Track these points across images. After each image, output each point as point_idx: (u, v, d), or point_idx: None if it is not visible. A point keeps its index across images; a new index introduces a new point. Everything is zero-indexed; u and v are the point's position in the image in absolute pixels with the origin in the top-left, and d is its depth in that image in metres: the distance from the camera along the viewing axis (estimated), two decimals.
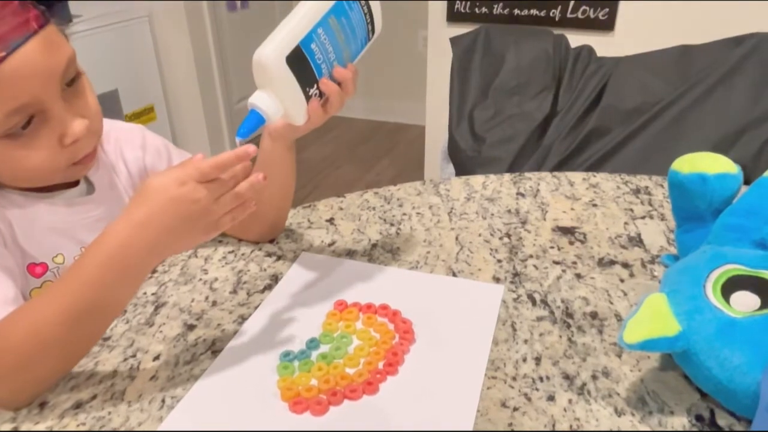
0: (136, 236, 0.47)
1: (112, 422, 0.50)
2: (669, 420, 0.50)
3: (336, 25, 0.56)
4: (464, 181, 0.94)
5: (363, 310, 0.63)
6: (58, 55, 0.53)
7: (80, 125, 0.55)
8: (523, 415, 0.51)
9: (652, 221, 0.81)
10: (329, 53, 0.56)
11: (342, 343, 0.58)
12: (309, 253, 0.74)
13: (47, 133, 0.53)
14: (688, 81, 1.30)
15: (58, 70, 0.53)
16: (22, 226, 0.59)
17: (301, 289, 0.67)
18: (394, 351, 0.57)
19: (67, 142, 0.55)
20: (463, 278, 0.69)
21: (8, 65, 0.49)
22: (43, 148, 0.54)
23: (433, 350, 0.58)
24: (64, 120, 0.54)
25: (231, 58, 2.81)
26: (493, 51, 1.49)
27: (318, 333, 0.60)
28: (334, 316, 0.62)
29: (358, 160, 2.90)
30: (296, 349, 0.57)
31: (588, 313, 0.63)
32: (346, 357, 0.57)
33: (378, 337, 0.59)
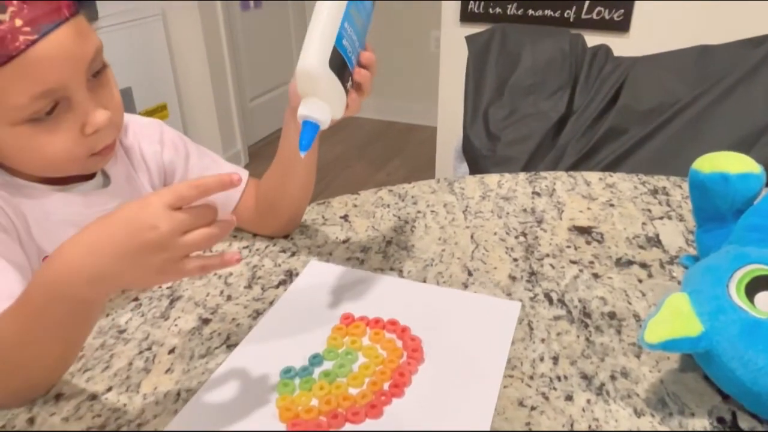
0: (85, 264, 0.41)
1: (128, 414, 0.50)
2: (690, 422, 0.49)
3: (355, 13, 0.56)
4: (479, 179, 0.93)
5: (371, 324, 0.60)
6: (86, 44, 0.53)
7: (102, 115, 0.55)
8: (541, 415, 0.50)
9: (671, 222, 0.80)
10: (355, 42, 0.57)
11: (346, 360, 0.55)
12: (318, 261, 0.71)
13: (70, 120, 0.54)
14: (706, 81, 1.29)
15: (86, 59, 0.53)
16: (38, 220, 0.59)
17: (308, 300, 0.64)
18: (401, 371, 0.54)
19: (88, 131, 0.55)
20: (478, 293, 0.65)
21: (38, 49, 0.49)
22: (65, 136, 0.54)
23: (442, 371, 0.55)
24: (87, 109, 0.54)
25: (244, 56, 2.82)
26: (508, 49, 1.48)
27: (322, 348, 0.57)
28: (340, 330, 0.59)
29: (369, 159, 2.90)
30: (299, 365, 0.54)
31: (606, 313, 0.62)
32: (350, 375, 0.53)
33: (385, 354, 0.56)
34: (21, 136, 0.52)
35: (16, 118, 0.51)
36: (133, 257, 0.40)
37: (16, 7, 0.48)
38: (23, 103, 0.50)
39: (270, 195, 0.73)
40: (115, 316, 0.62)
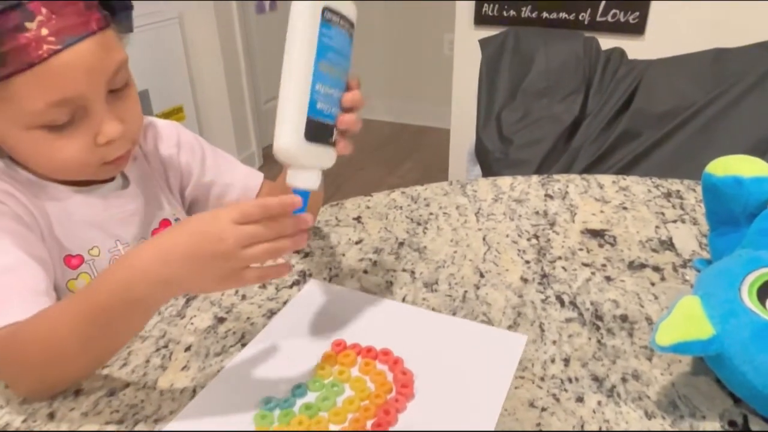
0: (153, 268, 0.45)
1: (145, 410, 0.51)
2: (701, 424, 0.49)
3: (327, 65, 0.52)
4: (491, 182, 0.94)
5: (362, 353, 0.57)
6: (109, 59, 0.54)
7: (116, 128, 0.56)
8: (552, 416, 0.51)
9: (684, 225, 0.80)
10: (333, 95, 0.53)
11: (331, 392, 0.52)
12: (317, 280, 0.69)
13: (84, 129, 0.55)
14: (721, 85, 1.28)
15: (107, 72, 0.54)
16: (60, 219, 0.61)
17: (301, 322, 0.62)
18: (386, 408, 0.50)
19: (100, 141, 0.56)
20: (483, 323, 0.61)
21: (60, 58, 0.50)
22: (78, 144, 0.55)
23: (432, 410, 0.51)
24: (103, 120, 0.55)
25: (259, 59, 2.84)
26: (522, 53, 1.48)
27: (310, 376, 0.54)
28: (329, 358, 0.56)
29: (381, 162, 2.91)
30: (282, 394, 0.52)
31: (618, 316, 0.63)
32: (332, 410, 0.50)
33: (373, 388, 0.53)
34: (35, 140, 0.54)
35: (32, 122, 0.52)
36: (200, 265, 0.44)
37: (44, 16, 0.49)
38: (39, 110, 0.51)
39: None
40: None
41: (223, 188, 0.76)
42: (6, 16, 0.48)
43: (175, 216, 0.72)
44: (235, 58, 2.66)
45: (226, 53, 2.59)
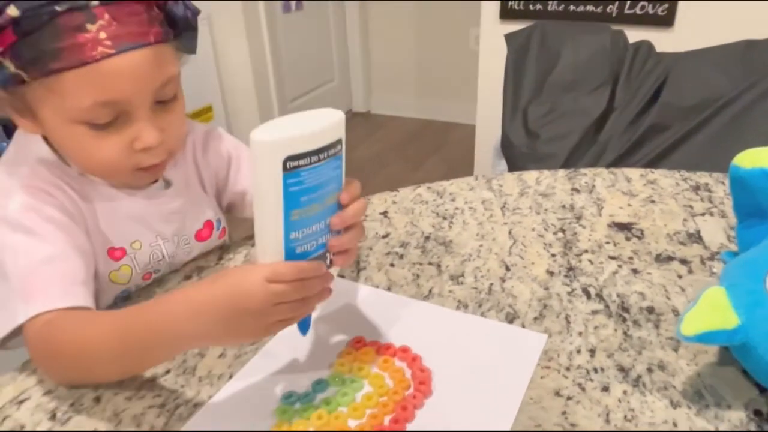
0: (187, 319, 0.48)
1: (185, 394, 0.54)
2: (726, 414, 0.50)
3: (300, 212, 0.47)
4: (517, 176, 0.94)
5: (381, 350, 0.58)
6: (159, 71, 0.56)
7: (154, 136, 0.57)
8: (577, 404, 0.52)
9: (713, 218, 0.79)
10: (316, 231, 0.49)
11: (351, 388, 0.53)
12: (339, 278, 0.68)
13: (124, 133, 0.57)
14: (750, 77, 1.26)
15: (155, 83, 0.56)
16: (105, 214, 0.64)
17: (321, 319, 0.63)
18: (404, 405, 0.51)
19: (136, 147, 0.57)
20: (502, 323, 0.62)
21: (111, 62, 0.52)
22: (115, 146, 0.57)
23: (449, 407, 0.52)
24: (143, 127, 0.57)
25: (285, 58, 2.88)
26: (548, 47, 1.47)
27: (328, 372, 0.55)
28: (348, 354, 0.57)
29: (407, 158, 2.92)
30: (303, 389, 0.53)
31: (644, 308, 0.63)
32: (351, 405, 0.51)
33: (391, 385, 0.54)
34: (76, 135, 0.56)
35: (76, 117, 0.55)
36: (231, 320, 0.47)
37: (106, 21, 0.52)
38: (84, 107, 0.54)
39: None
40: None
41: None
42: (70, 15, 0.51)
43: (217, 217, 0.74)
44: (262, 57, 2.70)
45: (254, 53, 2.63)
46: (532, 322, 0.62)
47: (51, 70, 0.52)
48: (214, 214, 0.74)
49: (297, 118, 0.46)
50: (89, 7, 0.51)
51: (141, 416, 0.52)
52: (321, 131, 0.45)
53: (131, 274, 0.66)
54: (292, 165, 0.44)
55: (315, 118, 0.46)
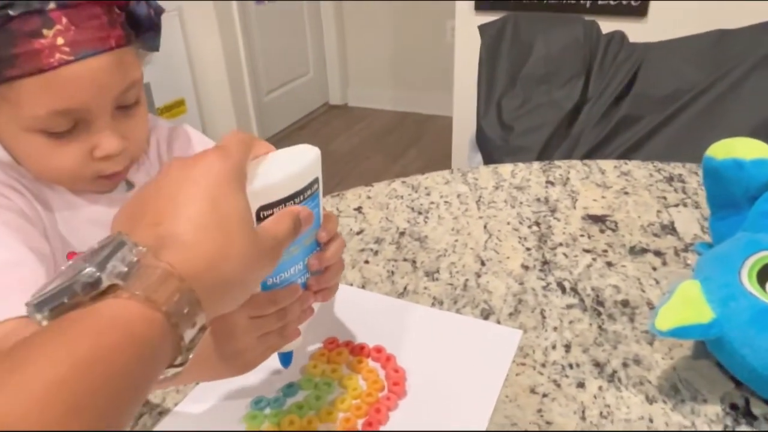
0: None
1: (149, 402, 0.52)
2: (702, 408, 0.50)
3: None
4: (492, 169, 0.93)
5: (354, 351, 0.56)
6: (121, 76, 0.53)
7: (115, 144, 0.54)
8: (553, 401, 0.51)
9: (686, 209, 0.79)
10: (294, 274, 0.46)
11: (323, 390, 0.52)
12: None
13: (83, 140, 0.54)
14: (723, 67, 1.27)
15: (117, 89, 0.53)
16: (64, 217, 0.61)
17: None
18: (377, 407, 0.49)
19: (96, 155, 0.55)
20: (478, 319, 0.61)
21: (70, 69, 0.50)
22: (74, 154, 0.54)
23: (424, 408, 0.50)
24: (105, 135, 0.54)
25: (259, 50, 2.84)
26: (521, 39, 1.47)
27: (300, 375, 0.54)
28: (321, 356, 0.56)
29: (386, 150, 2.91)
30: (273, 393, 0.52)
31: (619, 301, 0.63)
32: (323, 409, 0.50)
33: (364, 387, 0.52)
34: (32, 144, 0.53)
35: (31, 126, 0.52)
36: (215, 364, 0.44)
37: (63, 26, 0.49)
38: (41, 115, 0.51)
39: None
40: None
41: None
42: (25, 20, 0.48)
43: None
44: (236, 49, 2.65)
45: (227, 45, 2.59)
46: (507, 318, 0.61)
47: (5, 77, 0.49)
48: None
49: (270, 160, 0.42)
50: (45, 11, 0.48)
51: None
52: (295, 175, 0.42)
53: None
54: (266, 214, 0.40)
55: (289, 160, 0.43)
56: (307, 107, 3.32)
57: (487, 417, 0.49)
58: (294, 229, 0.39)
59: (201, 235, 0.32)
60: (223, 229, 0.33)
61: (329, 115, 3.34)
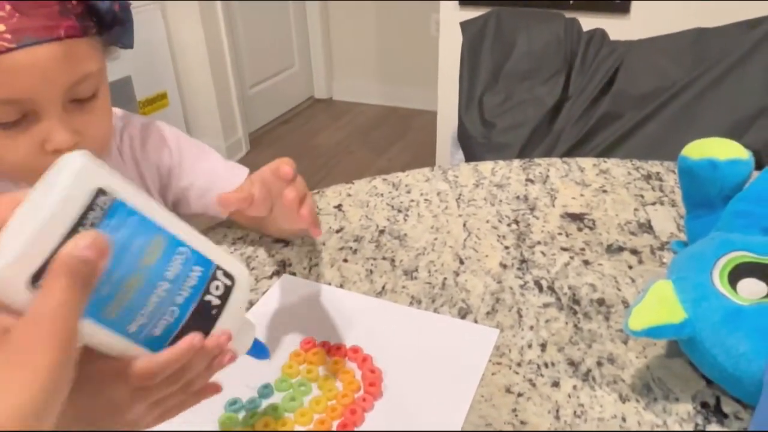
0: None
1: None
2: (674, 407, 0.50)
3: (112, 306, 0.33)
4: (473, 167, 0.93)
5: (331, 351, 0.56)
6: (71, 68, 0.51)
7: (65, 138, 0.52)
8: (528, 401, 0.51)
9: (663, 207, 0.80)
10: (156, 299, 0.35)
11: (299, 392, 0.52)
12: (290, 276, 0.68)
13: (34, 133, 0.52)
14: (702, 65, 1.28)
15: (66, 82, 0.51)
16: None
17: (271, 320, 0.61)
18: (353, 408, 0.50)
19: (47, 149, 0.53)
20: (455, 318, 0.61)
21: (13, 57, 0.48)
22: (24, 146, 0.52)
23: (399, 409, 0.50)
24: (55, 128, 0.52)
25: (243, 43, 2.81)
26: (504, 35, 1.47)
27: (276, 376, 0.53)
28: (297, 356, 0.55)
29: (371, 145, 2.90)
30: (247, 396, 0.51)
31: (595, 300, 0.63)
32: (298, 411, 0.50)
33: (341, 388, 0.52)
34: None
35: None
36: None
37: (7, 13, 0.47)
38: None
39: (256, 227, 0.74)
40: None
41: (201, 191, 0.74)
42: None
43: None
44: (219, 42, 2.62)
45: (209, 37, 2.56)
46: (484, 317, 0.61)
47: None
48: None
49: (25, 208, 0.32)
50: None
51: None
52: (56, 213, 0.31)
53: None
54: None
55: (44, 198, 0.31)
56: (292, 101, 3.30)
57: (462, 417, 0.50)
58: (76, 284, 0.29)
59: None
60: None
61: (314, 109, 3.32)
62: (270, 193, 0.54)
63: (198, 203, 0.74)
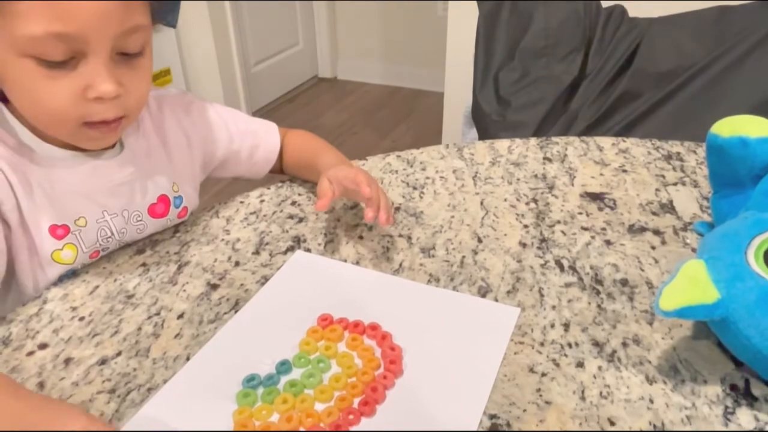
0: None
1: (138, 378, 0.50)
2: (702, 389, 0.49)
3: None
4: (489, 145, 0.91)
5: (349, 328, 0.55)
6: (126, 15, 0.51)
7: (110, 87, 0.52)
8: (552, 381, 0.50)
9: (685, 188, 0.78)
10: None
11: (317, 368, 0.50)
12: (304, 252, 0.66)
13: (77, 75, 0.51)
14: (724, 44, 1.25)
15: (119, 27, 0.51)
16: (44, 188, 0.58)
17: (286, 296, 0.60)
18: (374, 386, 0.48)
19: (89, 95, 0.52)
20: (475, 296, 0.59)
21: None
22: (66, 88, 0.52)
23: (421, 387, 0.49)
24: (101, 74, 0.52)
25: (247, 20, 2.77)
26: (520, 11, 1.43)
27: (293, 353, 0.52)
28: (315, 333, 0.54)
29: (375, 126, 2.87)
30: (265, 372, 0.50)
31: (618, 280, 0.62)
32: (318, 388, 0.49)
33: (360, 365, 0.51)
34: (25, 71, 0.51)
35: (26, 48, 0.49)
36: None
37: None
38: (37, 35, 0.48)
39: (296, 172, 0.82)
40: (123, 281, 0.62)
41: (250, 151, 0.77)
42: None
43: (177, 194, 0.69)
44: (223, 19, 2.58)
45: (214, 13, 2.52)
46: (505, 296, 0.60)
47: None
48: (171, 189, 0.68)
49: None
50: None
51: (89, 403, 0.48)
52: None
53: (76, 253, 0.60)
54: None
55: None
56: (296, 80, 3.26)
57: (485, 396, 0.48)
58: None
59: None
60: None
61: (318, 89, 3.28)
62: (345, 193, 0.65)
63: (247, 163, 0.78)
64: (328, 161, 0.73)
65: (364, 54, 3.30)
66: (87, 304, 0.59)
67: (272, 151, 0.79)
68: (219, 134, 0.74)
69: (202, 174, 0.75)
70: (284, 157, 0.81)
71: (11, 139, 0.57)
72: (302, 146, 0.81)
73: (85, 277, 0.62)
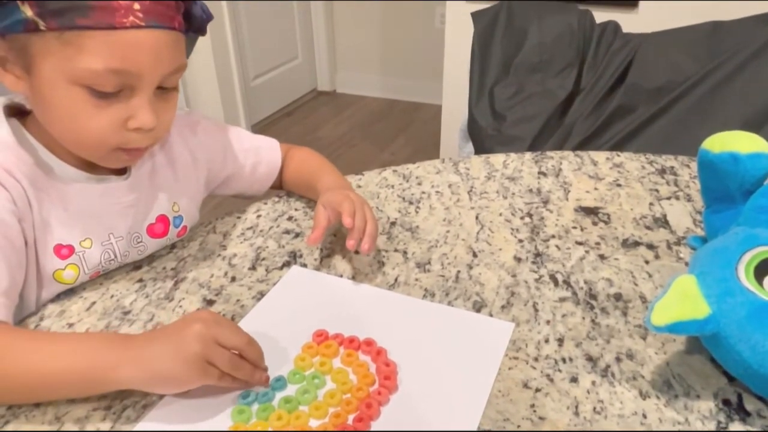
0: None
1: (133, 395, 0.50)
2: (695, 404, 0.49)
3: None
4: (484, 159, 0.92)
5: (344, 344, 0.55)
6: (174, 57, 0.56)
7: (150, 119, 0.55)
8: (546, 396, 0.50)
9: (678, 202, 0.79)
10: None
11: (312, 385, 0.51)
12: (300, 267, 0.67)
13: (122, 107, 0.55)
14: (717, 59, 1.26)
15: (168, 68, 0.55)
16: (56, 207, 0.59)
17: (282, 311, 0.60)
18: (368, 402, 0.49)
19: (130, 125, 0.55)
20: (470, 311, 0.60)
21: (138, 34, 0.52)
22: (109, 117, 0.55)
23: (416, 403, 0.49)
24: (144, 107, 0.55)
25: (246, 34, 2.79)
26: (515, 26, 1.45)
27: (289, 369, 0.52)
28: (310, 349, 0.54)
29: (374, 138, 2.88)
30: (260, 388, 0.50)
31: (612, 295, 0.62)
32: (312, 404, 0.49)
33: (355, 381, 0.51)
34: (73, 97, 0.53)
35: (81, 78, 0.52)
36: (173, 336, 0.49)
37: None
38: (96, 70, 0.52)
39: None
40: (120, 298, 0.62)
41: (252, 167, 0.79)
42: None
43: (177, 213, 0.69)
44: (223, 33, 2.60)
45: (213, 28, 2.54)
46: (499, 311, 0.60)
47: (76, 25, 0.50)
48: (171, 209, 0.69)
49: None
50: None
51: (85, 419, 0.48)
52: None
53: (78, 274, 0.61)
54: None
55: None
56: (295, 93, 3.27)
57: (479, 412, 0.49)
58: None
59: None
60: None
61: (317, 102, 3.30)
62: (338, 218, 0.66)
63: (249, 179, 0.79)
64: (326, 183, 0.74)
65: (363, 67, 3.32)
66: (84, 320, 0.59)
67: (273, 168, 0.80)
68: (224, 154, 0.76)
69: (205, 191, 0.76)
70: (284, 174, 0.82)
71: (30, 158, 0.58)
72: (302, 165, 0.82)
73: (82, 294, 0.63)
